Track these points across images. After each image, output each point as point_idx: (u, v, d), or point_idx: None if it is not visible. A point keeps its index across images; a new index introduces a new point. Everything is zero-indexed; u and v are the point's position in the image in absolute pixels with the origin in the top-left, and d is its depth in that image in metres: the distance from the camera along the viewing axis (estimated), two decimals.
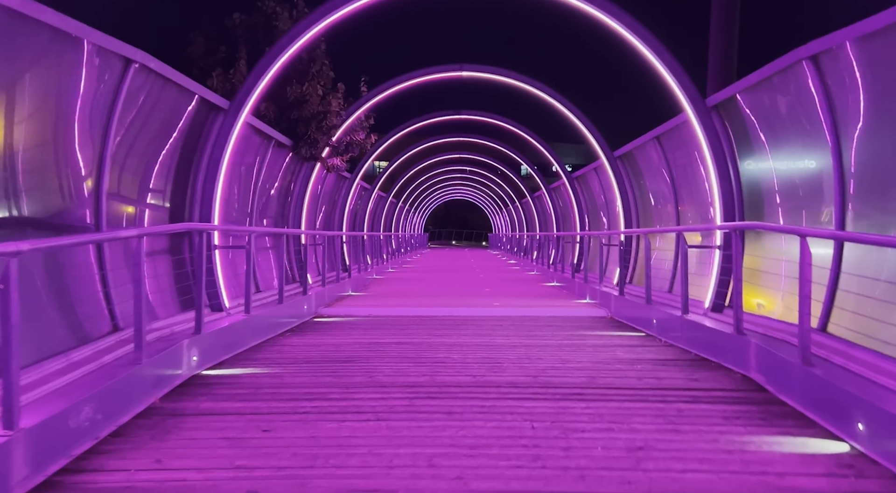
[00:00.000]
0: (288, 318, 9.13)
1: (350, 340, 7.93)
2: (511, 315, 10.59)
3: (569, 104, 12.09)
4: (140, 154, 6.47)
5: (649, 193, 11.64)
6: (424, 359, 6.57)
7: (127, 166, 6.31)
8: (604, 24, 8.00)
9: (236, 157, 8.50)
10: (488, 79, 12.50)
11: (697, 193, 9.04)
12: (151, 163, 6.82)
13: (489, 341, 7.90)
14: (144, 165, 6.68)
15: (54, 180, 5.22)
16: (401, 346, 7.44)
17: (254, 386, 5.41)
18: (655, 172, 10.89)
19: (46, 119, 5.04)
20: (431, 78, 12.36)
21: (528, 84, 12.31)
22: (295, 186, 11.85)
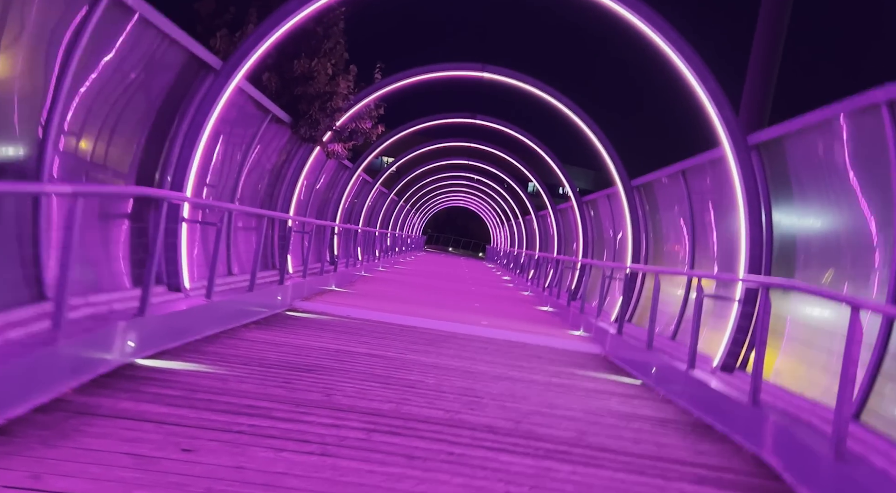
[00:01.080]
0: (257, 307, 8.35)
1: (317, 343, 7.15)
2: (498, 339, 9.83)
3: (592, 124, 11.36)
4: (111, 103, 5.70)
5: (663, 229, 10.90)
6: (395, 380, 5.80)
7: (93, 114, 5.54)
8: (647, 38, 7.28)
9: (224, 125, 7.74)
10: (509, 84, 11.75)
11: (720, 237, 8.30)
12: (125, 117, 6.05)
13: (470, 366, 7.13)
14: (115, 117, 5.90)
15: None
16: (371, 359, 6.66)
17: (190, 387, 4.62)
18: (674, 207, 10.15)
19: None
20: (450, 75, 11.61)
21: (551, 95, 11.57)
22: (289, 167, 11.08)
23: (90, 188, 4.66)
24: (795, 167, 6.40)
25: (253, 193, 10.08)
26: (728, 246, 7.85)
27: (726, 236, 7.97)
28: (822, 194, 5.89)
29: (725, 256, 8.01)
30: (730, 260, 7.75)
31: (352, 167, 16.03)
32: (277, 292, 9.27)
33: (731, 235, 7.62)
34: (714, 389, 5.83)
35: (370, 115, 11.75)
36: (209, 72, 6.68)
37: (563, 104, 11.57)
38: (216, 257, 6.59)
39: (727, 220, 7.76)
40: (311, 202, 13.88)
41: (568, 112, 11.60)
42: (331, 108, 9.95)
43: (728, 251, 7.86)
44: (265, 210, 8.68)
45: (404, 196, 32.93)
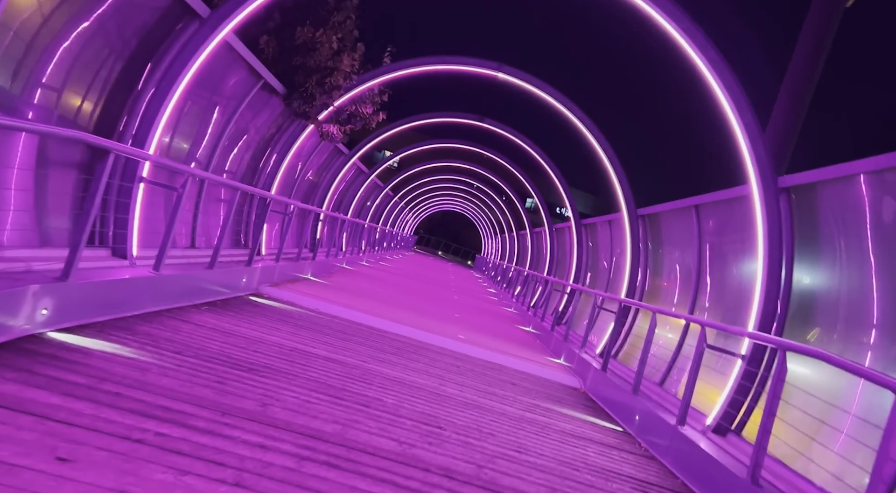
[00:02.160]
0: (217, 287, 7.59)
1: (273, 337, 6.40)
2: (473, 357, 9.12)
3: (605, 144, 10.70)
4: (68, 36, 4.94)
5: (665, 265, 10.24)
6: (348, 395, 5.06)
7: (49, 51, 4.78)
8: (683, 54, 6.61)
9: (205, 81, 6.99)
10: (522, 89, 11.04)
11: (729, 283, 7.63)
12: (88, 56, 5.29)
13: (438, 386, 6.41)
14: (74, 52, 5.14)
15: None
16: (329, 365, 5.92)
17: (100, 375, 3.87)
18: (681, 244, 9.49)
19: None
20: (463, 70, 10.88)
21: (566, 107, 10.86)
22: (278, 142, 10.31)
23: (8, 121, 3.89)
24: (828, 219, 5.73)
25: (232, 164, 9.31)
26: (737, 294, 7.19)
27: (736, 284, 7.31)
28: (858, 254, 5.23)
29: (733, 304, 7.35)
30: (737, 310, 7.09)
31: (347, 153, 15.26)
32: (243, 273, 8.50)
33: (743, 283, 6.97)
34: (706, 453, 5.14)
35: (373, 100, 10.98)
36: (194, 18, 5.93)
37: (578, 118, 10.89)
38: (172, 225, 5.83)
39: (740, 266, 7.10)
40: (298, 184, 13.11)
41: (581, 127, 10.92)
42: (330, 84, 9.19)
43: (737, 300, 7.19)
44: (241, 183, 7.92)
45: (400, 192, 32.16)
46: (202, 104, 7.68)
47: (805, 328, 5.86)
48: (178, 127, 7.26)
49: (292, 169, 12.04)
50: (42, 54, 4.85)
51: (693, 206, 8.51)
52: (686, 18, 6.34)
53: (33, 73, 4.89)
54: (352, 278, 15.31)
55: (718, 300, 7.73)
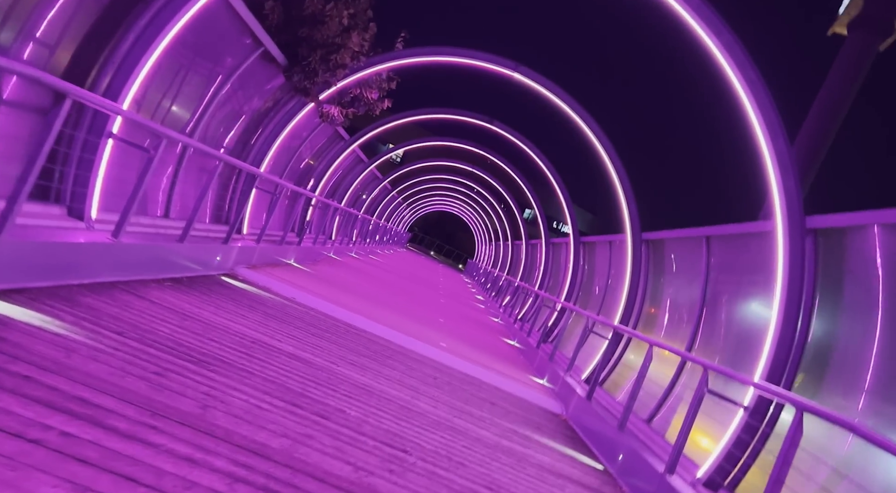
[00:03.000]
0: (186, 263, 7.00)
1: (236, 325, 5.82)
2: (453, 368, 8.56)
3: (617, 161, 10.15)
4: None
5: (665, 295, 9.72)
6: (307, 402, 4.49)
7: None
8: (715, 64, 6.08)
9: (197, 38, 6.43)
10: (536, 92, 10.48)
11: (735, 323, 7.12)
12: None
13: (410, 400, 5.85)
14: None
15: None
16: (292, 363, 5.35)
17: (13, 351, 3.30)
18: (686, 275, 8.97)
19: None
20: (478, 65, 10.31)
21: (579, 116, 10.31)
22: (273, 117, 9.72)
23: None
24: (859, 268, 5.22)
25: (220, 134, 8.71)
26: (743, 337, 6.68)
27: (744, 325, 6.80)
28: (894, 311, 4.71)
29: (737, 347, 6.84)
30: (742, 354, 6.57)
31: (347, 139, 14.68)
32: (218, 251, 7.92)
33: (752, 325, 6.45)
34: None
35: (380, 85, 10.39)
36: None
37: (591, 130, 10.35)
38: (138, 189, 5.25)
39: (751, 306, 6.59)
40: (292, 165, 12.52)
41: (593, 138, 10.38)
42: (335, 62, 8.61)
43: (742, 343, 6.68)
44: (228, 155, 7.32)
45: (399, 187, 31.55)
46: (191, 64, 7.10)
47: (818, 384, 5.34)
48: (162, 86, 6.67)
49: (286, 148, 11.45)
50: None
51: (704, 236, 8.00)
52: (726, 30, 5.81)
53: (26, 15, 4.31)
54: (337, 268, 14.72)
55: (721, 340, 7.22)
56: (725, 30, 5.83)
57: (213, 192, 9.23)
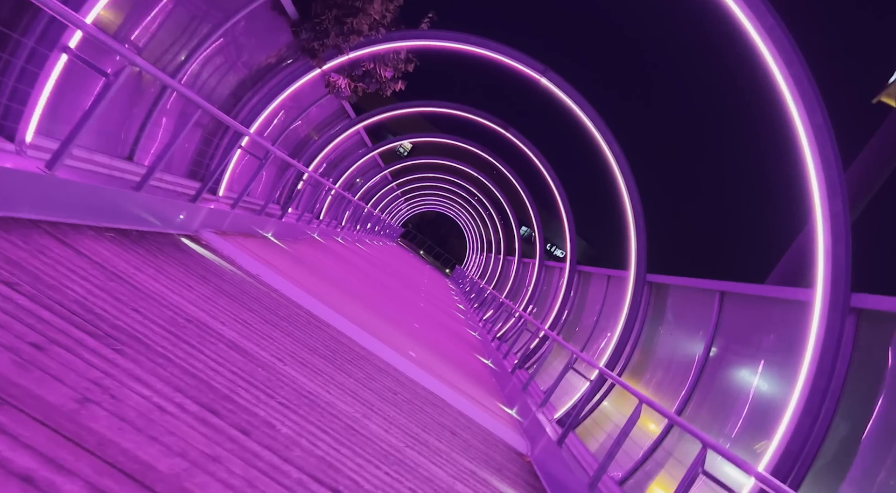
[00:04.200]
0: (141, 214, 6.15)
1: (175, 296, 4.97)
2: (417, 383, 7.74)
3: (634, 190, 9.37)
4: None
5: (661, 346, 8.94)
6: (229, 408, 3.65)
7: None
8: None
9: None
10: (560, 101, 9.70)
11: (739, 395, 6.33)
12: None
13: (360, 418, 5.02)
14: None
15: None
16: (228, 354, 4.50)
17: None
18: (688, 329, 8.20)
19: None
20: (505, 62, 9.49)
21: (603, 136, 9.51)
22: (274, 76, 8.87)
23: None
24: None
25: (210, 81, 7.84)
26: (747, 413, 5.89)
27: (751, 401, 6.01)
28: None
29: (736, 422, 6.05)
30: (743, 433, 5.78)
31: (353, 118, 13.84)
32: (183, 208, 7.06)
33: (761, 403, 5.67)
34: None
35: (396, 64, 9.56)
36: None
37: (613, 154, 9.56)
38: (87, 116, 4.40)
39: (763, 381, 5.82)
40: (287, 133, 11.66)
41: (613, 163, 9.59)
42: (350, 27, 7.79)
43: (747, 421, 5.89)
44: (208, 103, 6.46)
45: (399, 180, 30.67)
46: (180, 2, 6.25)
47: (832, 486, 4.56)
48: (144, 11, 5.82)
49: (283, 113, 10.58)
50: None
51: (718, 291, 7.23)
52: (789, 48, 5.01)
53: None
54: (318, 250, 13.87)
55: (718, 409, 6.43)
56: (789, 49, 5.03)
57: (192, 146, 8.39)
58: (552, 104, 10.30)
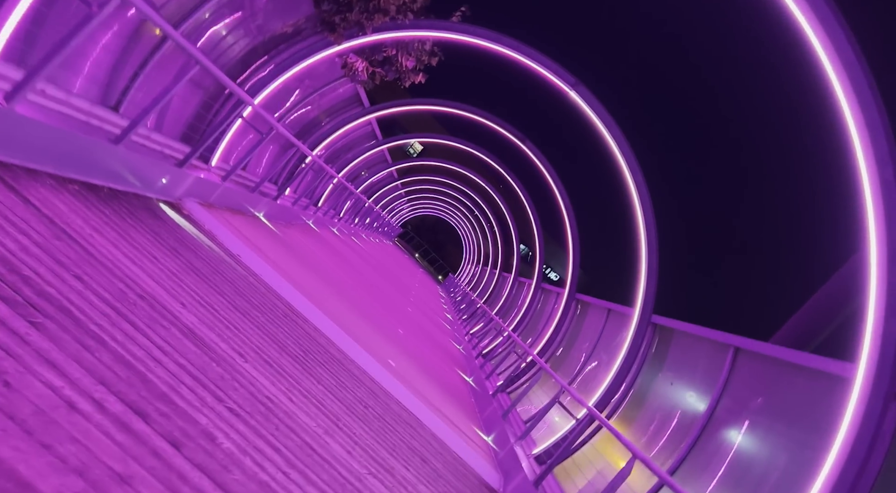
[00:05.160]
0: (116, 170, 5.53)
1: (134, 266, 4.35)
2: (392, 397, 7.12)
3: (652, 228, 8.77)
4: None
5: (658, 394, 8.33)
6: (162, 411, 3.03)
7: None
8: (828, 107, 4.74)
9: None
10: (588, 119, 9.13)
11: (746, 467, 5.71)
12: None
13: (322, 434, 4.39)
14: None
15: None
16: (179, 343, 3.88)
17: None
18: (692, 381, 7.60)
19: None
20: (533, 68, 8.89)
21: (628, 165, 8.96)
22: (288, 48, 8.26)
23: None
24: None
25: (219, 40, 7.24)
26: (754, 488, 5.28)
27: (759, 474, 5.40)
28: None
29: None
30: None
31: (366, 107, 13.26)
32: (167, 172, 6.45)
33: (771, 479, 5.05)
34: None
35: (419, 55, 8.97)
36: None
37: (636, 185, 8.99)
38: (60, 48, 3.79)
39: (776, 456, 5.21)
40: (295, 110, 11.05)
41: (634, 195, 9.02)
42: (377, 4, 7.23)
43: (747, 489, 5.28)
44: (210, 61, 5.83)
45: (404, 178, 30.05)
46: None
47: None
48: None
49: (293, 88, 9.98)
50: None
51: (732, 347, 6.64)
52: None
53: None
54: (310, 239, 13.25)
55: (721, 479, 5.81)
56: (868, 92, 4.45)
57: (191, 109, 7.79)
58: (576, 120, 9.72)
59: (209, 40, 7.21)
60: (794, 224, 53.80)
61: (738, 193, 58.47)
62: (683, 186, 56.62)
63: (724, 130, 57.03)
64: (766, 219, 57.89)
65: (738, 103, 55.58)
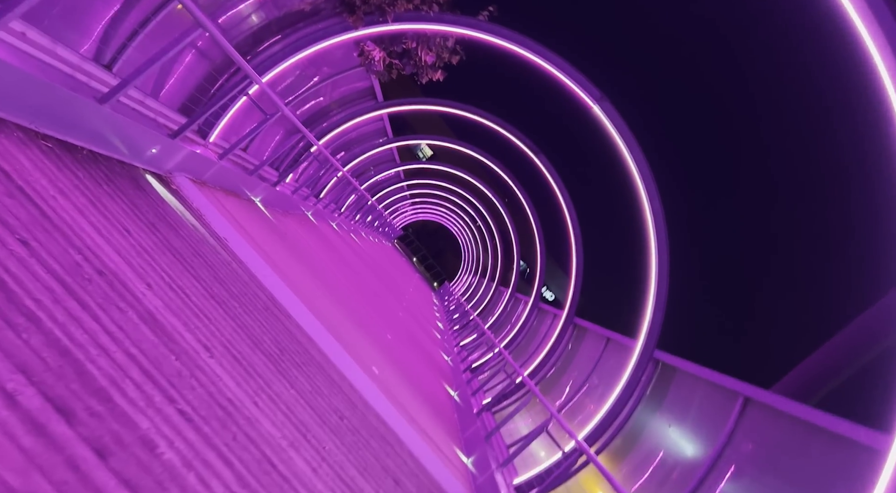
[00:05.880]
0: (99, 131, 5.08)
1: (98, 237, 3.89)
2: (370, 408, 6.64)
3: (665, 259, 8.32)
4: None
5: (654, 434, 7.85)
6: (93, 412, 2.56)
7: None
8: None
9: None
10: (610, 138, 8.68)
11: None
12: None
13: (285, 448, 3.92)
14: None
15: None
16: (134, 329, 3.42)
17: None
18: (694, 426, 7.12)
19: None
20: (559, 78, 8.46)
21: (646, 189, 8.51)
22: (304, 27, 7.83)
23: None
24: None
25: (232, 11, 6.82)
26: None
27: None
28: None
29: None
30: None
31: (380, 101, 12.84)
32: (158, 142, 6.00)
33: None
34: None
35: (440, 51, 8.54)
36: None
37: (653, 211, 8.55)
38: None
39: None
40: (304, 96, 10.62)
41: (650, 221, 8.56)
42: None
43: None
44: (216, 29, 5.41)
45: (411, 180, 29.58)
46: None
47: None
48: None
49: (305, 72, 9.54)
50: None
51: (742, 396, 6.17)
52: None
53: None
54: (307, 231, 12.80)
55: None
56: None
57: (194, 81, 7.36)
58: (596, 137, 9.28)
59: (220, 7, 6.79)
60: (824, 264, 50.40)
61: (765, 235, 54.36)
62: (705, 220, 52.51)
63: (759, 167, 52.41)
64: (794, 258, 53.84)
65: (788, 156, 50.38)
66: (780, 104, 45.40)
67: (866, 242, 36.21)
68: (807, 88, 41.50)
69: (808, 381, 8.98)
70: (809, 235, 48.05)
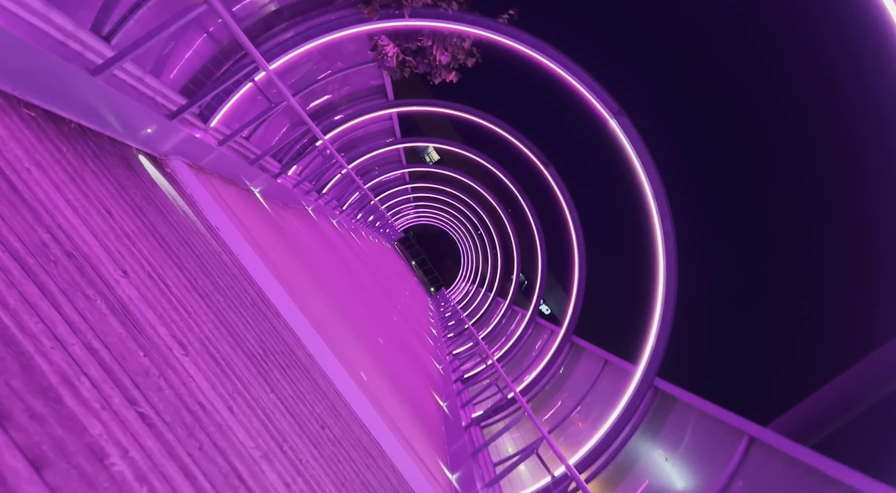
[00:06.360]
0: (91, 105, 4.79)
1: (69, 217, 3.59)
2: (355, 416, 6.32)
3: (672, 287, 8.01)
4: None
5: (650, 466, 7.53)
6: (37, 414, 2.26)
7: None
8: None
9: None
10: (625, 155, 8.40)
11: None
12: None
13: (257, 459, 3.61)
14: None
15: None
16: (100, 320, 3.12)
17: None
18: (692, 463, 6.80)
19: None
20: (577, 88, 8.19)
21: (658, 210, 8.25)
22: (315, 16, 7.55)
23: None
24: None
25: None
26: None
27: None
28: None
29: None
30: None
31: (390, 100, 12.56)
32: (155, 121, 5.71)
33: None
34: None
35: (456, 52, 8.27)
36: None
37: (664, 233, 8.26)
38: None
39: None
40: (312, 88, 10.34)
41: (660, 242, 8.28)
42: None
43: None
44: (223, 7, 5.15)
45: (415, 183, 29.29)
46: None
47: None
48: None
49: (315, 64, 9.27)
50: None
51: (747, 435, 5.86)
52: None
53: None
54: (305, 226, 12.49)
55: None
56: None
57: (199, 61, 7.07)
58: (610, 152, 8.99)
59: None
60: (839, 296, 47.83)
61: (786, 269, 50.85)
62: (717, 249, 49.54)
63: (784, 198, 48.70)
64: (809, 294, 50.39)
65: (821, 194, 46.40)
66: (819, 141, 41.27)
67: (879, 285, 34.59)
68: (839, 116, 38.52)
69: (808, 420, 8.64)
70: (830, 273, 44.97)
